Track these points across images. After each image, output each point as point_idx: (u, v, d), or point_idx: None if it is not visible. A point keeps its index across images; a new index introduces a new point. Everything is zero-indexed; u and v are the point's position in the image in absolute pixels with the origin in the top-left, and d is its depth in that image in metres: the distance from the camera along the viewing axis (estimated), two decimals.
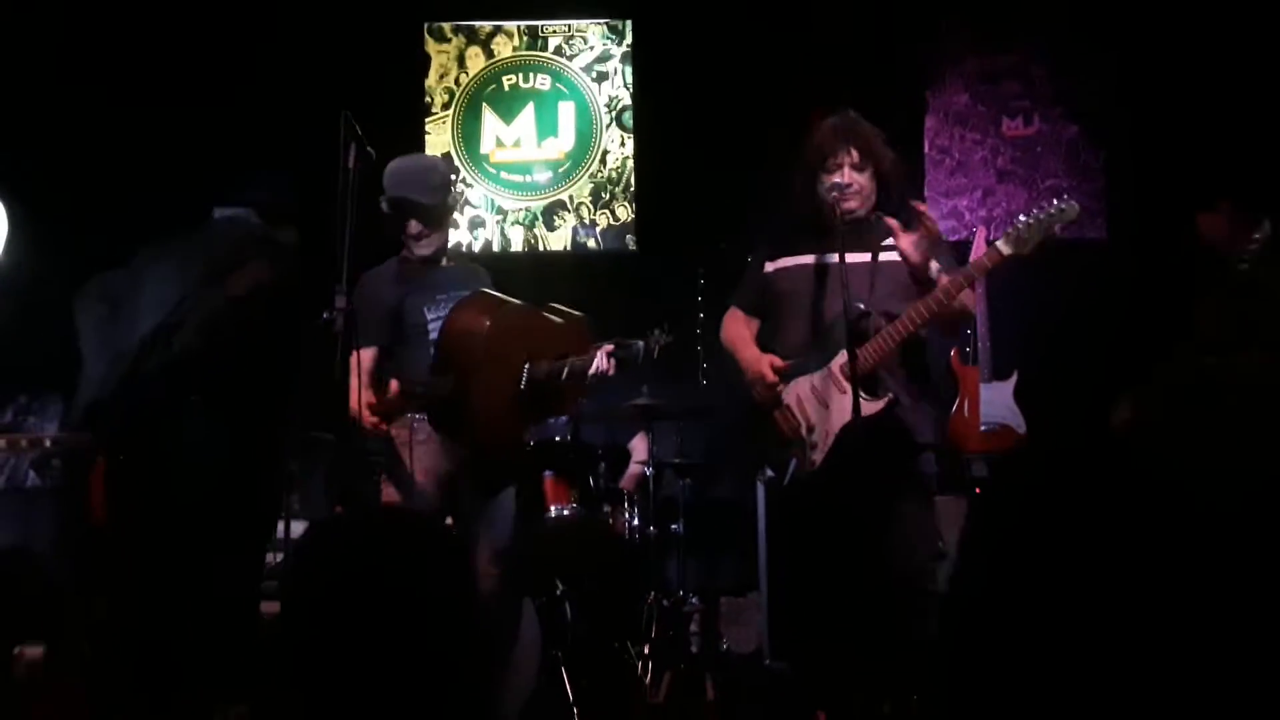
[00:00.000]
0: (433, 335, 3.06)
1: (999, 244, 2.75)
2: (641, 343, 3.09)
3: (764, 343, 3.02)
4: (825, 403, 2.85)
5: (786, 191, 3.00)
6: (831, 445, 2.81)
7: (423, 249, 3.13)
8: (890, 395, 2.80)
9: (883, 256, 2.85)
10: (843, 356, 2.76)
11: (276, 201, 3.22)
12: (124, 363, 2.81)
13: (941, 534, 2.93)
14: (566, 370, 3.00)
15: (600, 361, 3.00)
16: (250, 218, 3.16)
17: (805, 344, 2.91)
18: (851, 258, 2.77)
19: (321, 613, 1.07)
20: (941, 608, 0.97)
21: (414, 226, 3.10)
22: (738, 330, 3.07)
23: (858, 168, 2.86)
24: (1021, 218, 2.75)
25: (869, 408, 2.72)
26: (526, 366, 2.99)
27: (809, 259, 2.95)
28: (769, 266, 3.03)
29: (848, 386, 2.74)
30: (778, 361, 2.90)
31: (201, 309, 2.91)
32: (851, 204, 2.85)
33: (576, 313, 3.16)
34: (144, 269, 3.01)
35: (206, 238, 3.13)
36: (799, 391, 2.88)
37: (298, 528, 2.75)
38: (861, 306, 2.78)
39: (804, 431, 2.87)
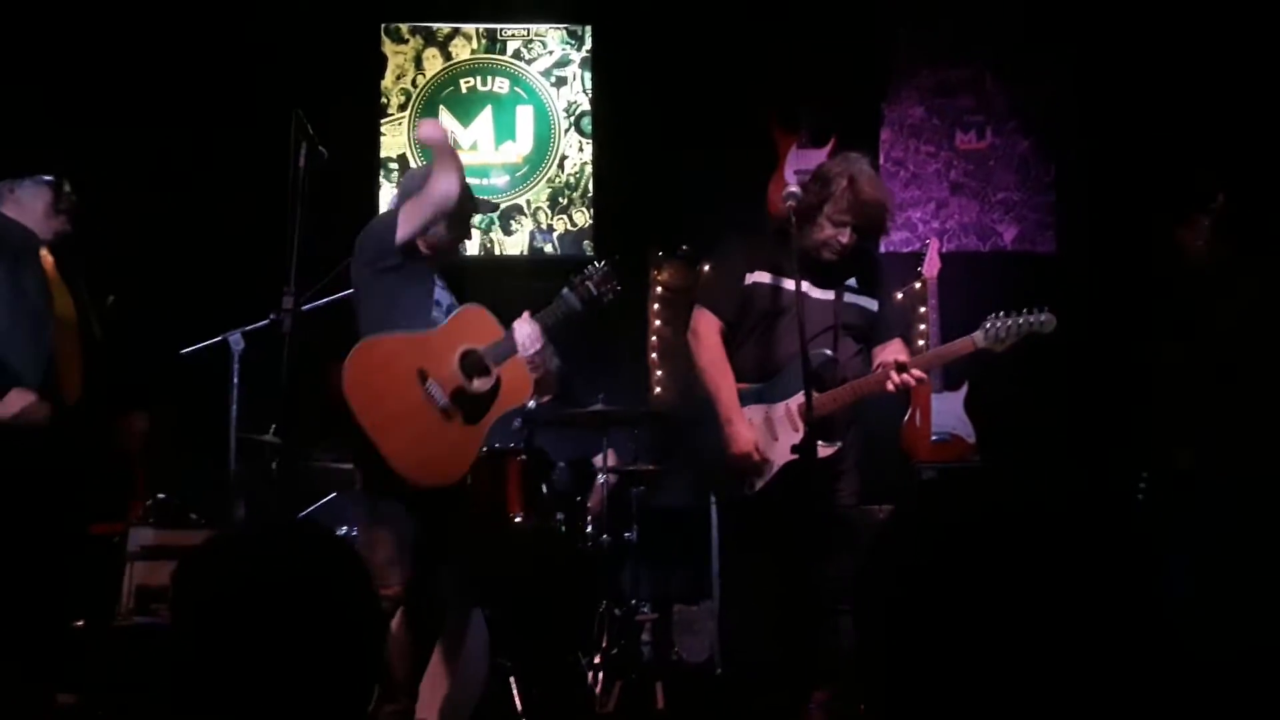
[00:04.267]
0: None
1: (976, 336, 2.84)
2: (568, 290, 2.94)
3: (728, 353, 2.96)
4: (775, 435, 2.87)
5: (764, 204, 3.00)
6: (774, 477, 2.84)
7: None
8: (840, 443, 2.84)
9: (848, 298, 2.91)
10: (800, 397, 2.75)
11: None
12: None
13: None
14: (476, 370, 2.78)
15: (523, 338, 2.83)
16: None
17: (768, 371, 2.90)
18: (820, 293, 2.88)
19: (210, 626, 1.06)
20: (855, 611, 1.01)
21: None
22: (721, 365, 2.91)
23: (852, 228, 2.84)
24: (1004, 318, 2.82)
25: (821, 450, 2.74)
26: (429, 384, 2.75)
27: (792, 285, 2.81)
28: (749, 278, 2.94)
29: (801, 426, 2.77)
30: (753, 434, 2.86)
31: None
32: (833, 257, 2.87)
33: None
34: None
35: None
36: (751, 418, 2.87)
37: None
38: (829, 353, 2.81)
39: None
